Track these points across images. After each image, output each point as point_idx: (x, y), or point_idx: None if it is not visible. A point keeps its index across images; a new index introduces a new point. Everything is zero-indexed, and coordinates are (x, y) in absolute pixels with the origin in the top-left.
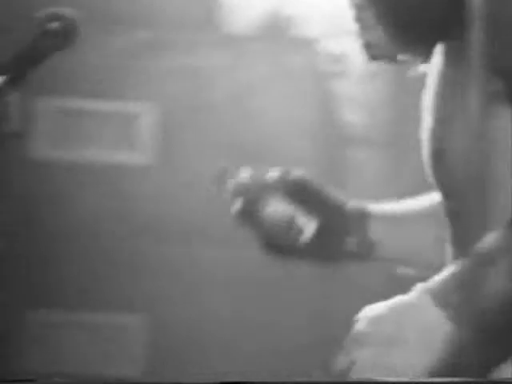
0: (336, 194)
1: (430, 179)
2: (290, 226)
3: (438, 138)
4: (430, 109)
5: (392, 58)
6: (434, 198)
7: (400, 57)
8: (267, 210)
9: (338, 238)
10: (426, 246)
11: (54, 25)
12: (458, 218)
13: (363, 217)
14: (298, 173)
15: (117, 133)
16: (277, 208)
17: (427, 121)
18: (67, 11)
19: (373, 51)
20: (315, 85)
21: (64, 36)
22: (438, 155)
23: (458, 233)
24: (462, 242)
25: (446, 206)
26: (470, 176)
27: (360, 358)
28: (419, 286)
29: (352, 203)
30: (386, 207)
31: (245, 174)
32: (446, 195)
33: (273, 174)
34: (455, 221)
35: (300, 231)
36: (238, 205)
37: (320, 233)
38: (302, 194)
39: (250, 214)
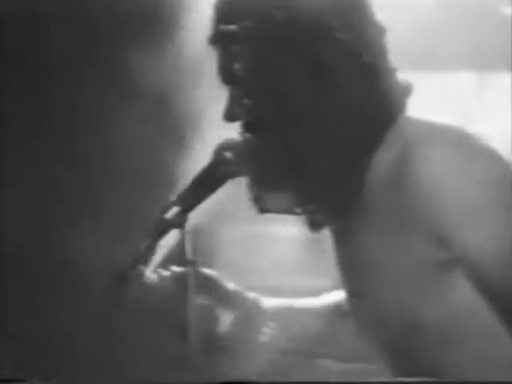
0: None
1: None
2: (208, 314)
3: (407, 309)
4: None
5: (284, 212)
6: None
7: (288, 208)
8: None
9: (255, 332)
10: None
11: (229, 154)
12: None
13: (281, 311)
14: (207, 270)
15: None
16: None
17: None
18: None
19: (262, 204)
20: None
21: (237, 165)
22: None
23: None
24: None
25: None
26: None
27: None
28: None
29: (267, 299)
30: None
31: (151, 272)
32: None
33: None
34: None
35: (217, 320)
36: (152, 301)
37: (237, 325)
38: (211, 288)
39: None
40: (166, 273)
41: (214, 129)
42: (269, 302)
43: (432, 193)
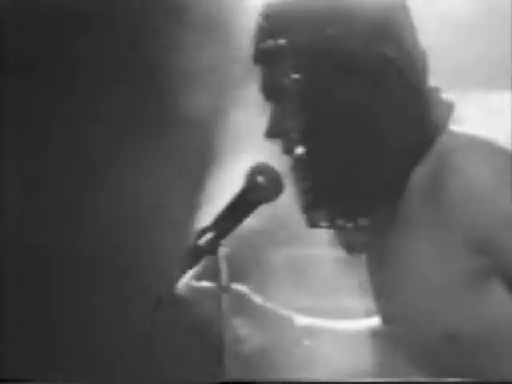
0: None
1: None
2: (235, 336)
3: (445, 321)
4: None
5: (332, 225)
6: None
7: (340, 223)
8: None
9: (288, 349)
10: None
11: (261, 178)
12: None
13: (314, 330)
14: (238, 286)
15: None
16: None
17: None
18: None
19: (313, 219)
20: None
21: (270, 189)
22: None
23: None
24: None
25: None
26: None
27: None
28: None
29: (300, 317)
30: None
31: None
32: None
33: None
34: None
35: (244, 341)
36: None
37: (267, 343)
38: (242, 306)
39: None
40: (197, 285)
41: (249, 150)
42: (301, 320)
43: (470, 199)
